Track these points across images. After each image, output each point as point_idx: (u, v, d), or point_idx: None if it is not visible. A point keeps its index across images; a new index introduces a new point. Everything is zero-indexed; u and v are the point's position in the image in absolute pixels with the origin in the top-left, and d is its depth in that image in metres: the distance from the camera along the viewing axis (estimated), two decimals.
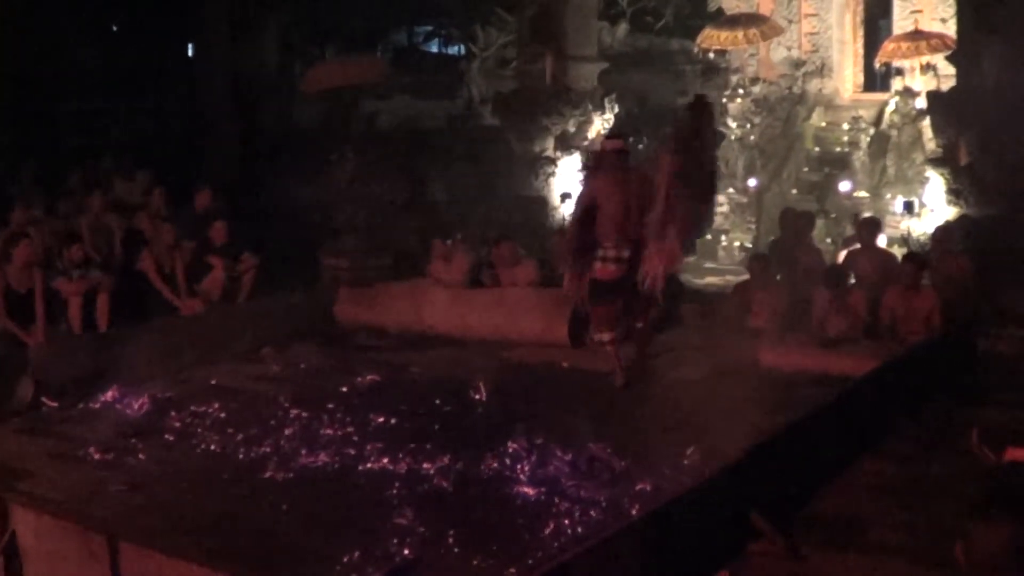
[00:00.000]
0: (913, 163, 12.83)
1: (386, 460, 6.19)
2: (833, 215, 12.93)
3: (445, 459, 6.11)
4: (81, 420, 7.23)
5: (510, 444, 6.16)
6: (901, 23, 13.56)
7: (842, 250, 10.29)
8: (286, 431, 6.76)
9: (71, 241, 9.28)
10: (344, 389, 7.75)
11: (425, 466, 6.06)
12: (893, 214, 12.45)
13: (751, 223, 13.63)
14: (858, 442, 6.18)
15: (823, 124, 14.43)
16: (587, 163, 8.23)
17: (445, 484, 5.83)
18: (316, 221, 11.51)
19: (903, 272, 8.44)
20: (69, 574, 5.35)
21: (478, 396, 7.44)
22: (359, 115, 14.67)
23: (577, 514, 5.36)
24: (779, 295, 9.01)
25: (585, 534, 5.04)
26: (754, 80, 14.60)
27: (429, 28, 26.34)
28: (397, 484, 5.84)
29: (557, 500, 5.55)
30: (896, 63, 13.45)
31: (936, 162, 11.40)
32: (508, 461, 6.03)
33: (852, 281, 9.03)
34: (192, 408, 7.24)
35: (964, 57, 11.16)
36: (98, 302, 8.90)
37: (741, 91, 14.56)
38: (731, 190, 13.95)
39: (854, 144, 13.88)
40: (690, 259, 11.48)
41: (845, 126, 14.14)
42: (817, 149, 14.33)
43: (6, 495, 5.73)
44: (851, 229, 11.14)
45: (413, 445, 6.35)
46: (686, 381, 7.76)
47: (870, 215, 11.17)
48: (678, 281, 9.21)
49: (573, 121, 14.17)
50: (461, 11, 21.23)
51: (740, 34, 13.92)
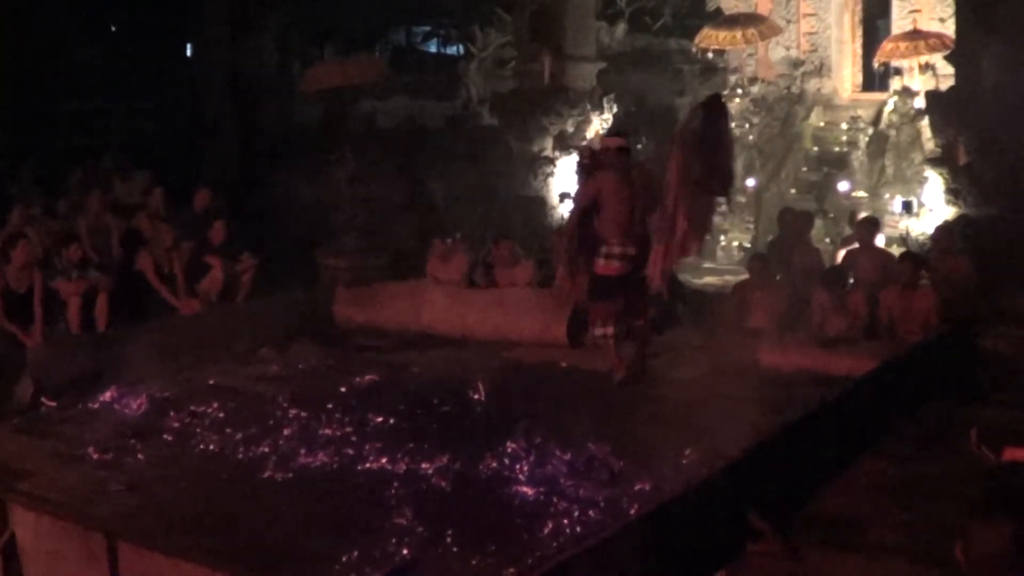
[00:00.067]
0: (912, 163, 12.82)
1: (385, 460, 6.18)
2: (832, 215, 12.91)
3: (444, 459, 6.10)
4: (80, 420, 7.20)
5: (509, 444, 6.15)
6: (900, 23, 13.58)
7: (841, 250, 10.28)
8: (285, 431, 6.75)
9: (70, 241, 9.29)
10: (343, 389, 7.74)
11: (424, 466, 6.05)
12: (892, 214, 12.43)
13: (750, 223, 13.62)
14: (858, 442, 6.18)
15: (822, 124, 14.43)
16: (582, 160, 8.20)
17: (444, 484, 5.82)
18: (315, 221, 11.51)
19: (901, 271, 8.45)
20: (68, 574, 5.36)
21: (477, 396, 7.42)
22: (358, 115, 14.68)
23: (576, 514, 5.35)
24: (778, 295, 9.01)
25: (584, 534, 5.03)
26: (752, 80, 14.61)
27: (428, 28, 26.30)
28: (396, 484, 5.83)
29: (556, 500, 5.54)
30: (895, 63, 13.45)
31: (935, 162, 11.39)
32: (507, 461, 6.02)
33: (851, 281, 9.04)
34: (191, 408, 7.23)
35: (963, 57, 11.15)
36: (97, 302, 8.91)
37: (740, 91, 14.56)
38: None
39: (853, 144, 13.87)
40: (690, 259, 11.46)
41: (844, 126, 14.14)
42: (816, 149, 14.33)
43: (6, 495, 5.73)
44: (850, 229, 11.14)
45: (412, 445, 6.34)
46: (686, 381, 7.77)
47: (869, 215, 11.16)
48: (679, 282, 9.21)
49: (572, 121, 14.16)
50: (460, 11, 21.21)
51: (738, 34, 13.93)
